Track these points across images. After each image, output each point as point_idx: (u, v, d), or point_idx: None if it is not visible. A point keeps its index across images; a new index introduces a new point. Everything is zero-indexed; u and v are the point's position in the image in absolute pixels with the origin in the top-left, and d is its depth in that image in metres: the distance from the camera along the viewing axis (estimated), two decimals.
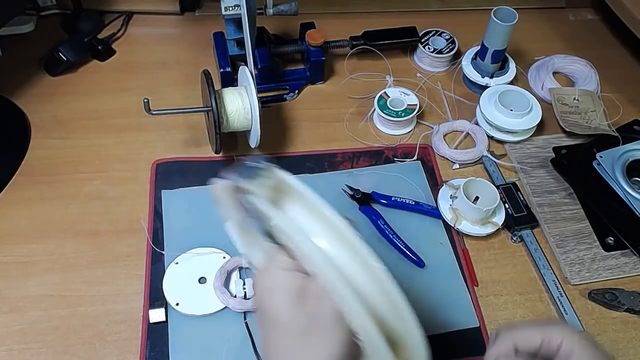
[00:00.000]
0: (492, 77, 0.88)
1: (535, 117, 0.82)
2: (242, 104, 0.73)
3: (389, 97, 0.84)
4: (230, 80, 0.85)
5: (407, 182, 0.78)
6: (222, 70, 0.85)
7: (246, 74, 0.74)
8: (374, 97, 0.84)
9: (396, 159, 0.81)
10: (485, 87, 0.86)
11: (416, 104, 0.83)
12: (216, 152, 0.75)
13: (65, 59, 0.86)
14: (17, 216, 0.73)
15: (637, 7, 0.86)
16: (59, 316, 0.65)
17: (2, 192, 0.75)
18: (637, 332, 0.67)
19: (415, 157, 0.81)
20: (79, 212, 0.73)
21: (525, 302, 0.69)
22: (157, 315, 0.64)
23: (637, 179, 0.79)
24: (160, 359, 0.62)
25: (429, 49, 0.92)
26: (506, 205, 0.75)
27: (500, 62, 0.87)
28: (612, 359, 0.46)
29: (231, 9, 0.78)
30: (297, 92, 0.89)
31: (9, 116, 0.83)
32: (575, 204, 0.77)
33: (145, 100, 0.69)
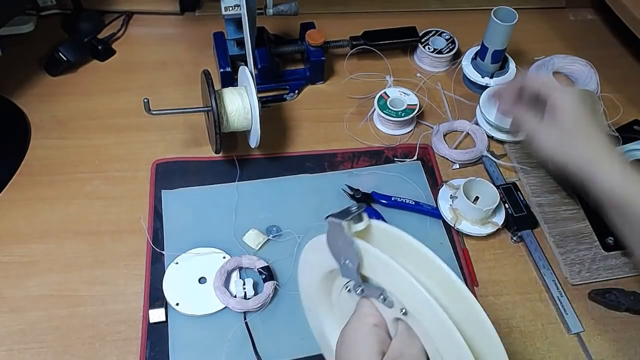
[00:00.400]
0: (492, 77, 0.88)
1: None
2: (242, 104, 0.73)
3: (389, 97, 0.84)
4: (230, 80, 0.85)
5: (407, 182, 0.78)
6: (222, 70, 0.85)
7: (246, 74, 0.74)
8: (374, 97, 0.84)
9: (396, 159, 0.81)
10: (485, 87, 0.86)
11: (416, 104, 0.83)
12: (216, 152, 0.75)
13: (65, 59, 0.86)
14: (17, 216, 0.73)
15: (637, 7, 0.86)
16: (59, 316, 0.65)
17: (2, 192, 0.75)
18: (637, 332, 0.67)
19: (415, 157, 0.81)
20: (79, 212, 0.73)
21: (525, 302, 0.69)
22: (157, 315, 0.64)
23: None
24: (160, 359, 0.62)
25: (429, 49, 0.92)
26: (506, 205, 0.75)
27: (500, 62, 0.87)
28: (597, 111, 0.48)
29: (231, 9, 0.78)
30: (297, 92, 0.89)
31: (9, 116, 0.82)
32: (575, 204, 0.77)
33: (145, 100, 0.69)
